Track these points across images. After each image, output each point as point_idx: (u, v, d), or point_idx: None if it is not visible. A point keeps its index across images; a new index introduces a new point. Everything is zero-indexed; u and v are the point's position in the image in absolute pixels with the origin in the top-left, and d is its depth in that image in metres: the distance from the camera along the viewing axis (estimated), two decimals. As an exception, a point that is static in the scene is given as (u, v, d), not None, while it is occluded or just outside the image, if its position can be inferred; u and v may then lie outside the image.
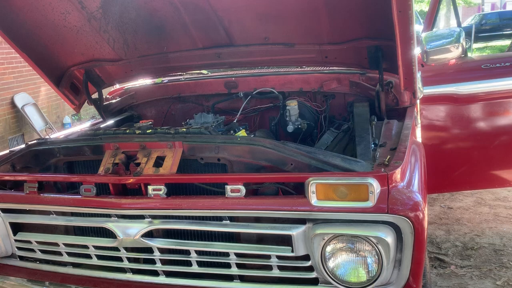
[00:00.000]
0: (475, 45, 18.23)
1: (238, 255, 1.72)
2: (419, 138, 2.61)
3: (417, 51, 2.76)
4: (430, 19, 3.57)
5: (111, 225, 1.80)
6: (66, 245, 1.95)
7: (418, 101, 2.67)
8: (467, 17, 24.71)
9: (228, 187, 1.66)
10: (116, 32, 2.66)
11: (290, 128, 2.73)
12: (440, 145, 3.38)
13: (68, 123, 9.15)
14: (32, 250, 2.04)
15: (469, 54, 3.50)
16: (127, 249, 1.83)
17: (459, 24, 3.47)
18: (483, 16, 23.19)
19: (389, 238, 1.51)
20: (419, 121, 2.79)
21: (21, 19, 2.55)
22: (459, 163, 3.37)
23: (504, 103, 3.23)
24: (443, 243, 3.54)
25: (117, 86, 3.34)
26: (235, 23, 2.52)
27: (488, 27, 21.68)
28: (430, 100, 3.20)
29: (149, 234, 1.79)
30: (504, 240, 3.54)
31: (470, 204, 4.26)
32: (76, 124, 9.39)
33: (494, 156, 3.31)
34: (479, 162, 3.34)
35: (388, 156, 1.72)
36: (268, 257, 1.67)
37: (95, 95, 3.08)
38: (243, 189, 1.65)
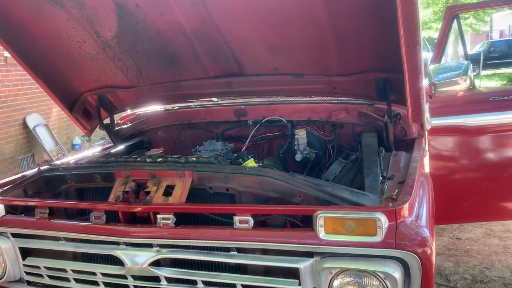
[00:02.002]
0: (483, 72, 18.27)
1: (244, 286, 1.71)
2: (427, 168, 2.61)
3: (425, 82, 2.79)
4: (439, 50, 3.61)
5: (119, 252, 1.81)
6: (74, 271, 1.96)
7: (426, 132, 2.68)
8: (476, 44, 24.85)
9: (236, 218, 1.68)
10: (130, 60, 2.72)
11: (298, 157, 2.75)
12: (448, 175, 3.37)
13: (78, 144, 9.26)
14: (40, 275, 2.05)
15: (477, 84, 3.52)
16: (135, 277, 1.83)
17: (466, 56, 3.50)
18: (492, 43, 23.34)
19: (397, 273, 1.51)
20: (427, 151, 2.80)
21: (38, 47, 2.64)
22: (468, 194, 3.35)
23: (513, 136, 3.23)
24: (452, 275, 3.49)
25: (129, 111, 3.39)
26: (246, 54, 2.58)
27: (497, 55, 21.78)
28: (438, 131, 3.22)
29: (157, 263, 1.79)
30: (515, 273, 3.48)
31: (479, 235, 4.20)
32: (85, 145, 9.49)
33: (503, 188, 3.29)
34: (488, 194, 3.32)
35: (396, 190, 1.73)
36: (275, 289, 1.67)
37: (106, 120, 3.14)
38: (251, 221, 1.66)
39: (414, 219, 1.62)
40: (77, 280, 1.97)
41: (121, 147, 3.10)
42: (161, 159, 2.10)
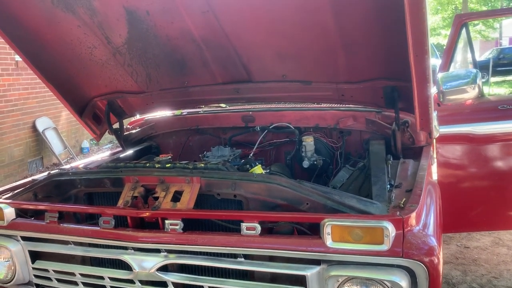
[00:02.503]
0: (492, 79, 18.14)
1: (251, 293, 1.72)
2: (434, 176, 2.60)
3: (433, 90, 2.79)
4: (447, 57, 3.60)
5: (127, 257, 1.83)
6: (82, 275, 1.98)
7: (434, 140, 2.68)
8: (485, 51, 24.69)
9: (244, 225, 1.69)
10: (140, 66, 2.75)
11: (305, 163, 2.76)
12: (456, 183, 3.36)
13: (86, 148, 9.33)
14: (48, 279, 2.07)
15: (486, 91, 3.52)
16: (142, 282, 1.85)
17: (475, 64, 3.50)
18: (501, 50, 23.17)
19: (404, 282, 1.51)
20: (435, 159, 2.79)
21: (49, 52, 2.67)
22: (476, 202, 3.33)
23: (522, 145, 3.22)
24: (460, 284, 3.47)
25: (138, 116, 3.42)
26: (254, 61, 2.59)
27: (506, 61, 21.60)
28: (446, 139, 3.21)
29: (164, 268, 1.81)
30: (523, 283, 3.45)
31: (488, 244, 4.17)
32: (94, 149, 9.56)
33: (512, 197, 3.28)
34: (496, 202, 3.30)
35: (404, 199, 1.73)
36: (281, 296, 1.67)
37: (116, 125, 3.17)
38: (258, 227, 1.67)
39: (421, 228, 1.62)
40: (85, 284, 1.99)
41: (129, 151, 3.12)
42: (169, 164, 2.12)
